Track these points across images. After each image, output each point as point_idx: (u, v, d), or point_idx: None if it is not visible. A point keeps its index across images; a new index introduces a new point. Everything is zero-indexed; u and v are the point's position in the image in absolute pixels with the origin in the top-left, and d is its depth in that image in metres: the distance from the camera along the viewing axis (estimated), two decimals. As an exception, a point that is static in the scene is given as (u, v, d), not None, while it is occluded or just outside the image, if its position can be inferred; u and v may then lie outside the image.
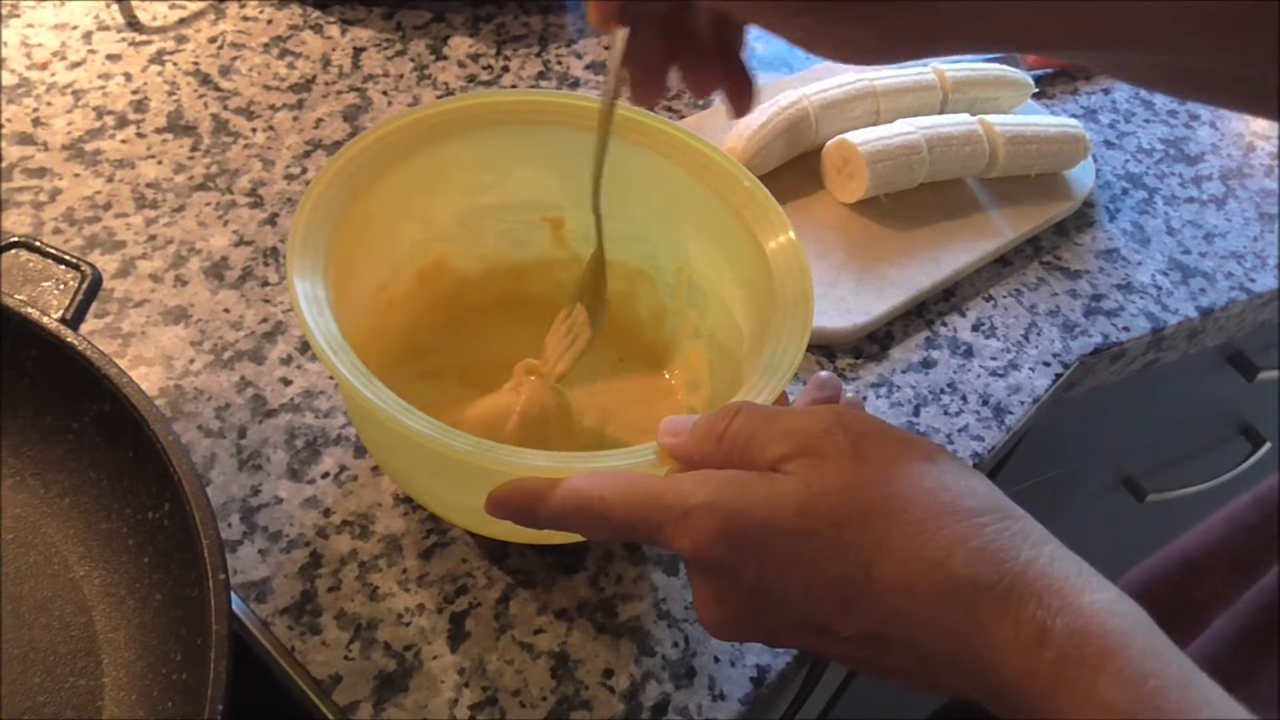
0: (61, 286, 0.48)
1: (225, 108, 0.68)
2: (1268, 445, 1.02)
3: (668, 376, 0.55)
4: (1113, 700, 0.29)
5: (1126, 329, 0.65)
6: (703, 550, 0.34)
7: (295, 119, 0.68)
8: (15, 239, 0.49)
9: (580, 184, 0.46)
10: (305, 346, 0.56)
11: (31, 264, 0.49)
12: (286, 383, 0.54)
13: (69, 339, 0.45)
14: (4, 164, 0.61)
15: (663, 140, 0.50)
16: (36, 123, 0.64)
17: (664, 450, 0.38)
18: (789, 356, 0.43)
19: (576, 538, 0.46)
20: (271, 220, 0.61)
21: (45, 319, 0.45)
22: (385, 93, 0.71)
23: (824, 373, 0.43)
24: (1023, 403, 0.60)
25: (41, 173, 0.61)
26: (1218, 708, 0.29)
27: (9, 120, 0.64)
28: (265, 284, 0.58)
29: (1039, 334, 0.64)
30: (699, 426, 0.37)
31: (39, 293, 0.48)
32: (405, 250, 0.52)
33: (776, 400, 0.41)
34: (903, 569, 0.32)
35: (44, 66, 0.68)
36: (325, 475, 0.51)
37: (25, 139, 0.63)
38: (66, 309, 0.47)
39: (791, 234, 0.47)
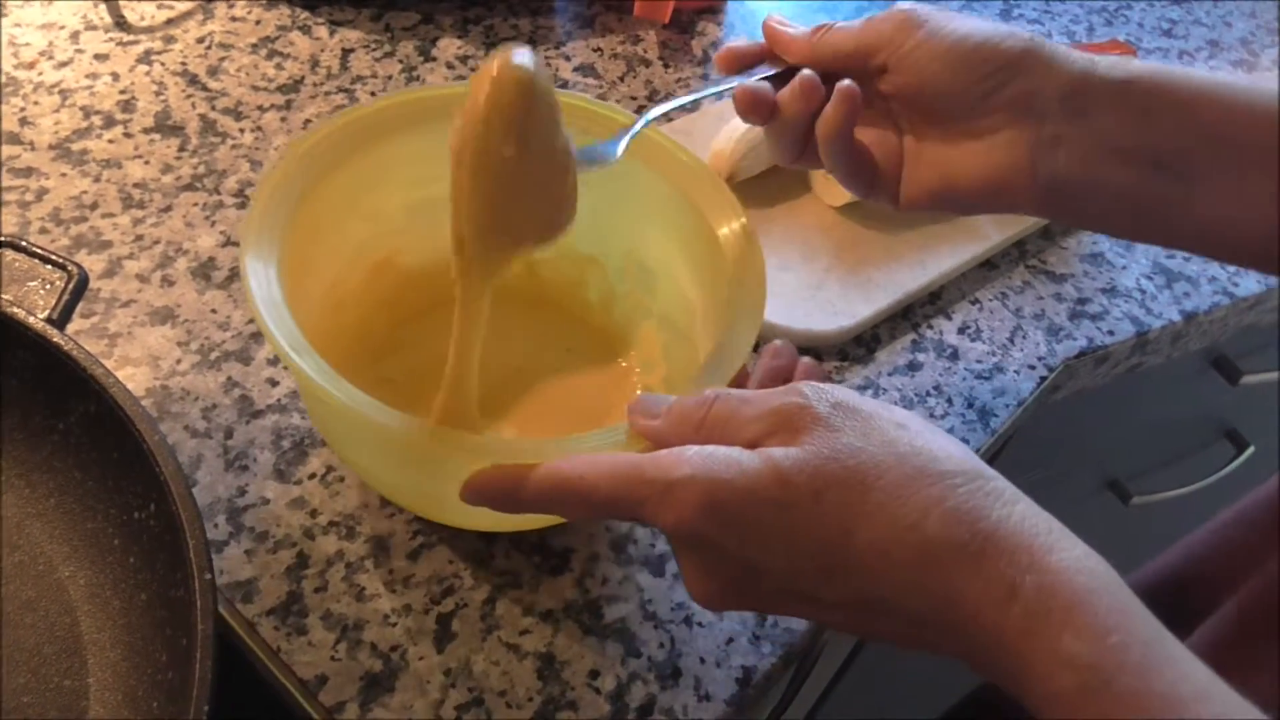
0: (48, 286, 0.48)
1: (213, 108, 0.68)
2: (1251, 449, 1.03)
3: (621, 361, 0.55)
4: (1076, 653, 0.30)
5: (1111, 333, 0.66)
6: (686, 524, 0.34)
7: (283, 120, 0.68)
8: (2, 238, 0.49)
9: None
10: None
11: (18, 263, 0.49)
12: (273, 384, 0.54)
13: (55, 339, 0.45)
14: (-10, 163, 0.61)
15: (613, 128, 0.50)
16: (23, 122, 0.64)
17: (639, 431, 0.38)
18: (746, 333, 0.44)
19: (551, 520, 0.46)
20: (259, 221, 0.61)
21: (31, 319, 0.45)
22: (374, 94, 0.71)
23: (776, 341, 0.44)
24: (1008, 406, 0.60)
25: (28, 172, 0.61)
26: (1181, 666, 0.30)
27: (-4, 119, 0.64)
28: (253, 285, 0.58)
29: (1024, 337, 0.64)
30: (675, 411, 0.38)
31: (25, 292, 0.48)
32: (354, 248, 0.52)
33: (736, 374, 0.42)
34: (880, 534, 0.33)
35: (31, 66, 0.68)
36: (312, 476, 0.51)
37: (12, 138, 0.63)
38: (53, 309, 0.47)
39: (744, 220, 0.48)
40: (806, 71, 0.45)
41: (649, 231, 0.53)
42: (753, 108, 0.46)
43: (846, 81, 0.45)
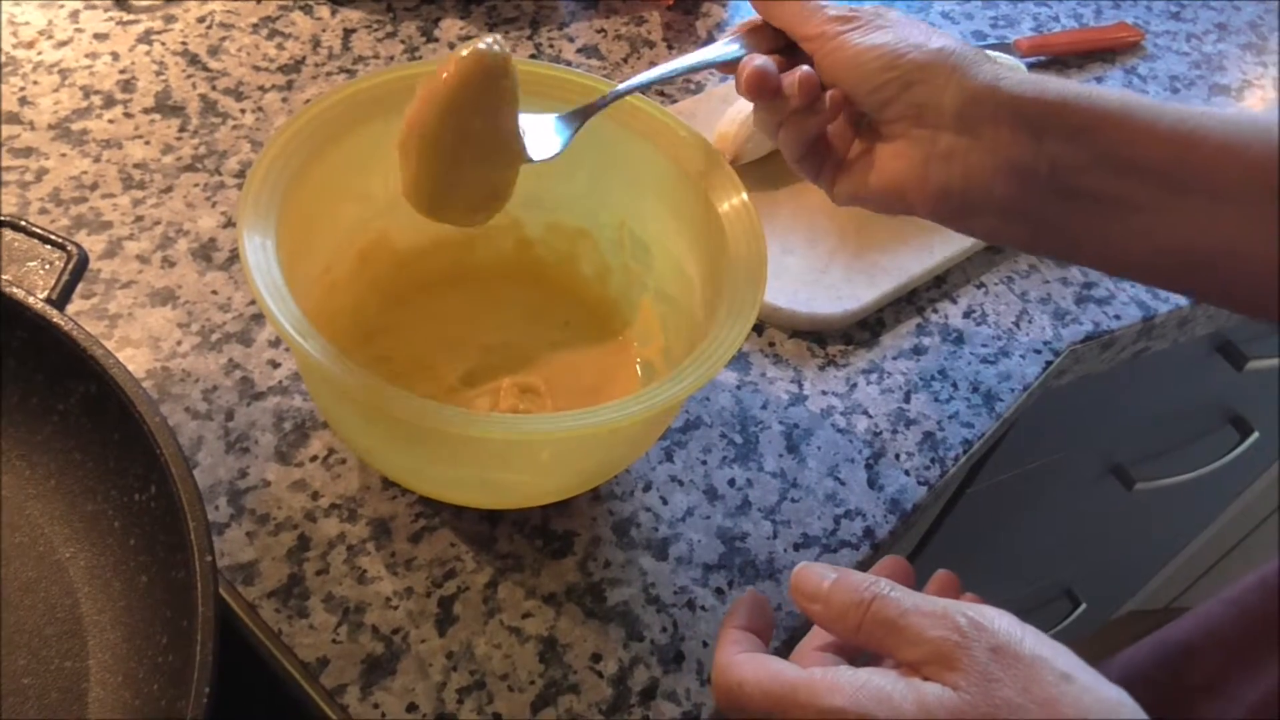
0: (47, 266, 0.48)
1: (214, 88, 0.67)
2: (1256, 434, 1.03)
3: (619, 334, 0.55)
4: None
5: (1117, 317, 0.65)
6: None
7: (284, 100, 0.67)
8: (1, 218, 0.49)
9: None
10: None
11: (17, 244, 0.49)
12: (275, 365, 0.54)
13: (55, 319, 0.45)
14: (-10, 143, 0.60)
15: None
16: (23, 102, 0.64)
17: (801, 610, 0.38)
18: (746, 308, 0.44)
19: (553, 497, 0.48)
20: (260, 202, 0.61)
21: (31, 299, 0.45)
22: (375, 72, 0.70)
23: (941, 571, 0.43)
24: (1013, 390, 0.60)
25: (28, 152, 0.61)
26: None
27: (-5, 99, 0.63)
28: (254, 266, 0.58)
29: (1030, 321, 0.64)
30: (836, 603, 0.37)
31: (25, 272, 0.48)
32: (345, 230, 0.51)
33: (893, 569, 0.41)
34: None
35: (31, 45, 0.67)
36: (314, 458, 0.50)
37: (12, 118, 0.63)
38: (52, 289, 0.46)
39: (743, 194, 0.48)
40: (806, 69, 0.46)
41: (643, 204, 0.53)
42: (758, 88, 0.46)
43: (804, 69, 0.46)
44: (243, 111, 0.66)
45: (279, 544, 0.48)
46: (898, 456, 0.56)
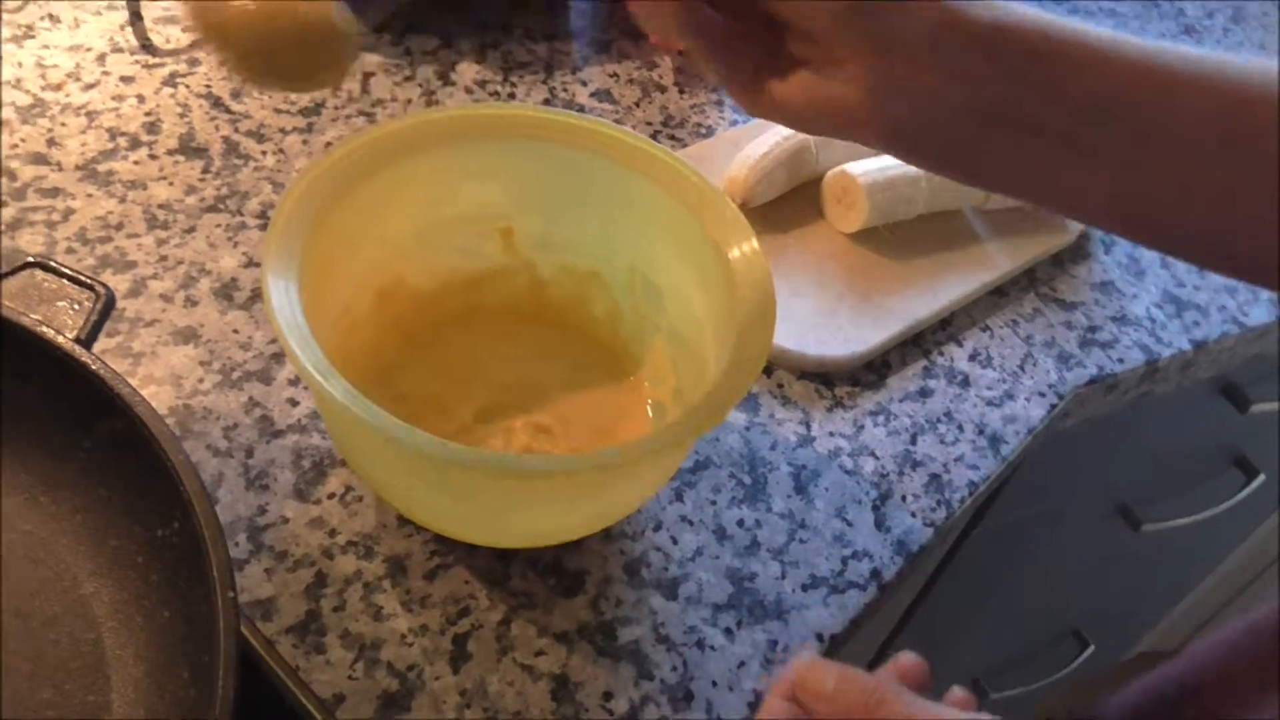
0: (76, 306, 0.49)
1: (236, 130, 0.69)
2: (1261, 477, 1.03)
3: (630, 375, 0.56)
4: None
5: (1121, 361, 0.66)
6: None
7: (305, 142, 0.69)
8: (31, 259, 0.50)
9: (529, 192, 0.51)
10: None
11: (47, 283, 0.50)
12: (293, 403, 0.55)
13: (83, 359, 0.46)
14: (19, 183, 0.62)
15: (616, 146, 0.52)
16: (51, 143, 0.65)
17: (807, 708, 0.39)
18: (756, 353, 0.45)
19: (564, 537, 0.48)
20: (281, 242, 0.62)
21: (60, 339, 0.46)
22: (394, 117, 0.72)
23: (906, 658, 0.43)
24: (1018, 433, 0.61)
25: (55, 192, 0.62)
26: None
27: (24, 140, 0.65)
28: (274, 305, 0.59)
29: (1034, 365, 0.65)
30: (840, 702, 0.37)
31: (54, 312, 0.49)
32: (364, 271, 0.53)
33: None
34: None
35: (59, 88, 0.69)
36: (331, 496, 0.51)
37: (39, 159, 0.64)
38: (81, 329, 0.48)
39: (753, 240, 0.49)
40: None
41: (654, 248, 0.54)
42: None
43: None
44: (264, 153, 0.68)
45: (297, 580, 0.48)
46: (904, 498, 0.57)
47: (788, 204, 0.68)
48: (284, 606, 0.48)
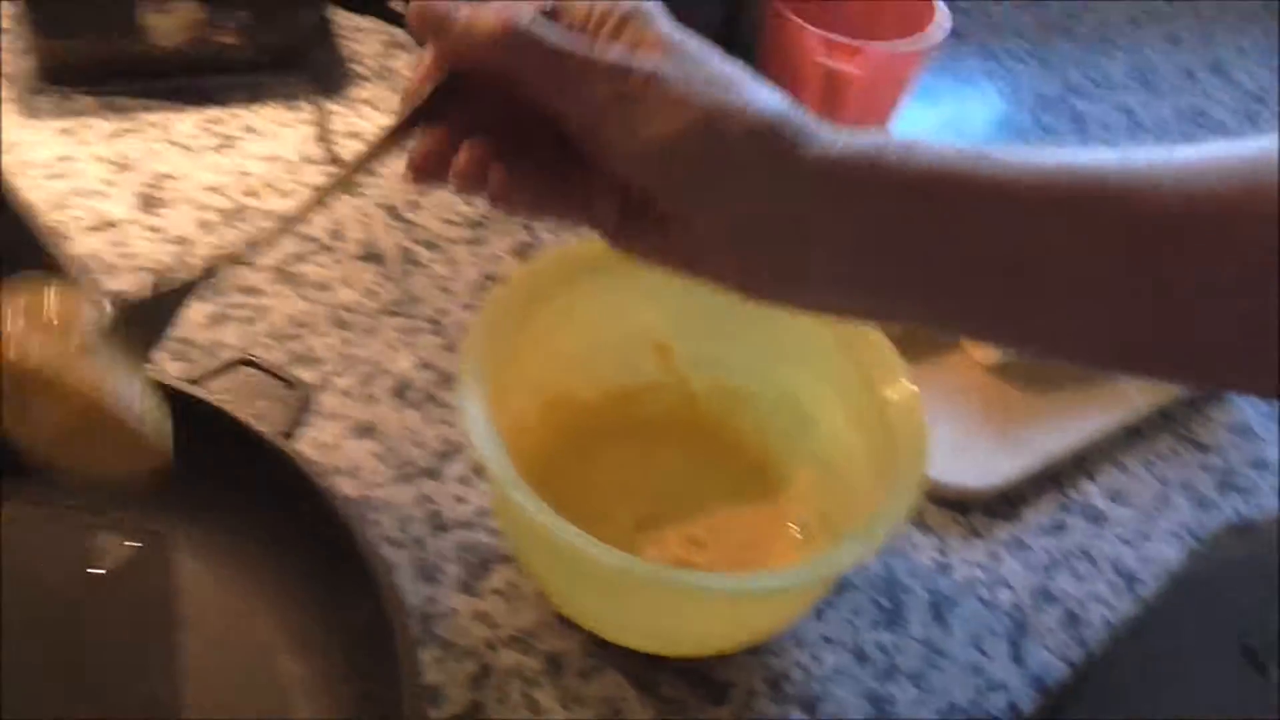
0: (280, 401, 0.55)
1: (411, 239, 0.75)
2: (1396, 629, 1.00)
3: (778, 494, 0.59)
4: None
5: (1259, 506, 0.67)
6: None
7: (473, 253, 0.74)
8: (242, 357, 0.56)
9: (688, 316, 0.55)
10: (478, 468, 0.61)
11: (254, 379, 0.56)
12: (460, 500, 0.59)
13: (288, 453, 0.51)
14: (225, 282, 0.68)
15: None
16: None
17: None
18: (907, 494, 0.47)
19: (715, 649, 0.50)
20: (450, 347, 0.67)
21: (270, 433, 0.51)
22: (551, 230, 0.77)
23: None
24: (1155, 575, 0.61)
25: (253, 291, 0.69)
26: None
27: (229, 243, 0.72)
28: (443, 406, 0.64)
29: (1169, 505, 0.66)
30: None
31: (260, 408, 0.54)
32: (536, 383, 0.57)
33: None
34: None
35: (256, 195, 0.76)
36: (494, 591, 0.55)
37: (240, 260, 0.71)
38: (287, 424, 0.53)
39: (908, 383, 0.52)
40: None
41: (805, 374, 0.57)
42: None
43: None
44: (435, 262, 0.73)
45: (462, 670, 0.52)
46: (1040, 632, 0.58)
47: (924, 332, 0.71)
48: (450, 695, 0.51)
